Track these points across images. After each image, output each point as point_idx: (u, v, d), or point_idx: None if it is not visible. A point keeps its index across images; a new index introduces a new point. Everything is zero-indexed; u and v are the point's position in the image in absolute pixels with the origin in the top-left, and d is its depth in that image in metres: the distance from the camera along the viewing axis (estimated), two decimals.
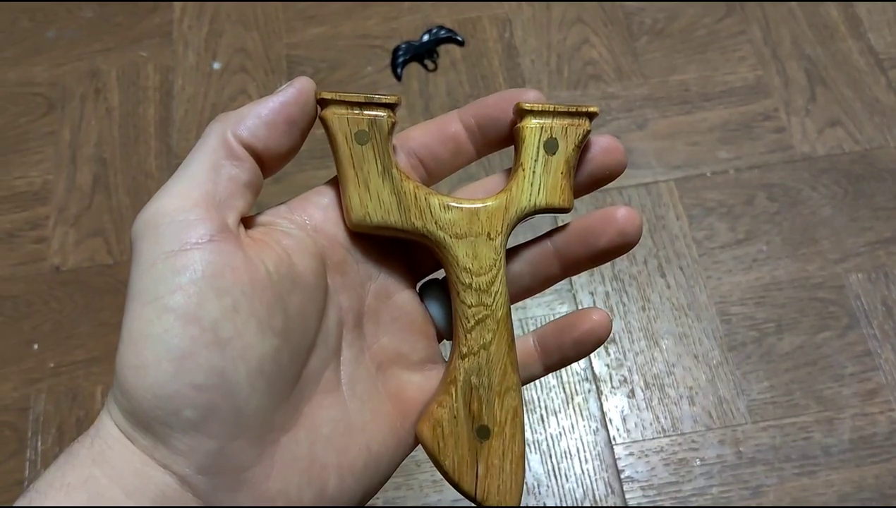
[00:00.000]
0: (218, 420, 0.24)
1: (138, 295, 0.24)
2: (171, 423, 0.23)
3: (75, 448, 0.24)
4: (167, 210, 0.25)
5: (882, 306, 0.78)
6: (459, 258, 0.29)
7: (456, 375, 0.29)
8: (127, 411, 0.24)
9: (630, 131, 0.88)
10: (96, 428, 0.24)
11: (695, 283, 0.80)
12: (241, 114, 0.28)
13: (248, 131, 0.27)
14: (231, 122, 0.28)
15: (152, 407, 0.23)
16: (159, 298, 0.23)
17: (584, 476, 0.73)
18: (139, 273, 0.24)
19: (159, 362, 0.23)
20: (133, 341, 0.24)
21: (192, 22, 0.98)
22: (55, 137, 0.91)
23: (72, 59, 0.96)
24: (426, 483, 0.72)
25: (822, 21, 0.94)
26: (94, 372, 0.78)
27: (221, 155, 0.27)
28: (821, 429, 0.73)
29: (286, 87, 0.28)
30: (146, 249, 0.24)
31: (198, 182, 0.26)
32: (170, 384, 0.23)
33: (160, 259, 0.24)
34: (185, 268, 0.24)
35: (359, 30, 0.96)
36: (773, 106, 0.89)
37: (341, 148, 0.29)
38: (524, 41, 0.95)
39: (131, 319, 0.24)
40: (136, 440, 0.24)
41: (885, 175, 0.85)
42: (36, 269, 0.83)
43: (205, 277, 0.24)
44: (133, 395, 0.23)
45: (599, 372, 0.77)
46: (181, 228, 0.24)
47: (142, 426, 0.24)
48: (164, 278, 0.24)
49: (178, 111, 0.92)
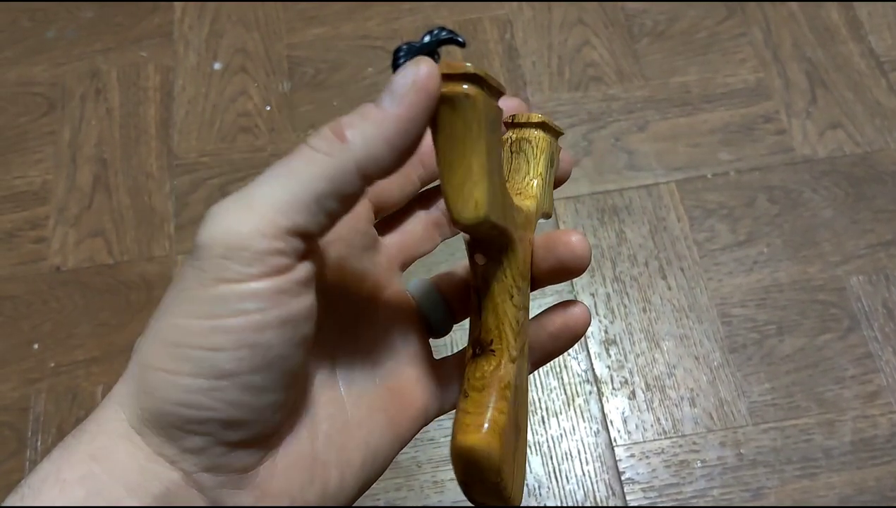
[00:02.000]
0: (239, 429, 0.24)
1: (191, 306, 0.23)
2: (191, 429, 0.23)
3: (71, 442, 0.24)
4: (248, 232, 0.22)
5: (883, 308, 0.78)
6: (519, 261, 0.28)
7: (510, 380, 0.28)
8: (144, 408, 0.23)
9: (631, 133, 0.88)
10: (97, 423, 0.24)
11: (696, 285, 0.80)
12: (366, 137, 0.23)
13: (374, 164, 0.23)
14: (358, 151, 0.23)
15: (175, 412, 0.23)
16: (217, 317, 0.22)
17: (585, 478, 0.73)
18: (198, 284, 0.23)
19: (197, 376, 0.22)
20: (170, 346, 0.23)
21: (193, 22, 0.98)
22: (55, 137, 0.91)
23: (72, 59, 0.96)
24: (427, 483, 0.72)
25: (822, 23, 0.94)
26: (94, 372, 0.77)
27: (330, 186, 0.23)
28: (822, 431, 0.73)
29: (405, 87, 0.23)
30: (213, 265, 0.22)
31: (294, 210, 0.22)
32: (202, 397, 0.23)
33: (228, 280, 0.22)
34: (253, 297, 0.22)
35: (360, 30, 0.96)
36: (773, 108, 0.89)
37: (478, 133, 0.24)
38: (525, 42, 0.95)
39: (175, 326, 0.23)
40: (145, 435, 0.24)
41: (885, 177, 0.85)
42: (36, 269, 0.83)
43: (270, 310, 0.23)
44: (156, 397, 0.23)
45: (600, 373, 0.77)
46: (258, 258, 0.22)
47: (156, 425, 0.23)
48: (228, 301, 0.22)
49: (179, 112, 0.92)
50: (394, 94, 0.23)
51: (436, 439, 0.74)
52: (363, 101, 0.80)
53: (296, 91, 0.93)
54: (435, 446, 0.74)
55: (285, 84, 0.93)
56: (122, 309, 0.81)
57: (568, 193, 0.84)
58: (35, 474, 0.23)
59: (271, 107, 0.92)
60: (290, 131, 0.90)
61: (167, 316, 0.23)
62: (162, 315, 0.24)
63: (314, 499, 0.26)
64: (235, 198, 0.23)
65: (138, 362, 0.24)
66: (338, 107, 0.91)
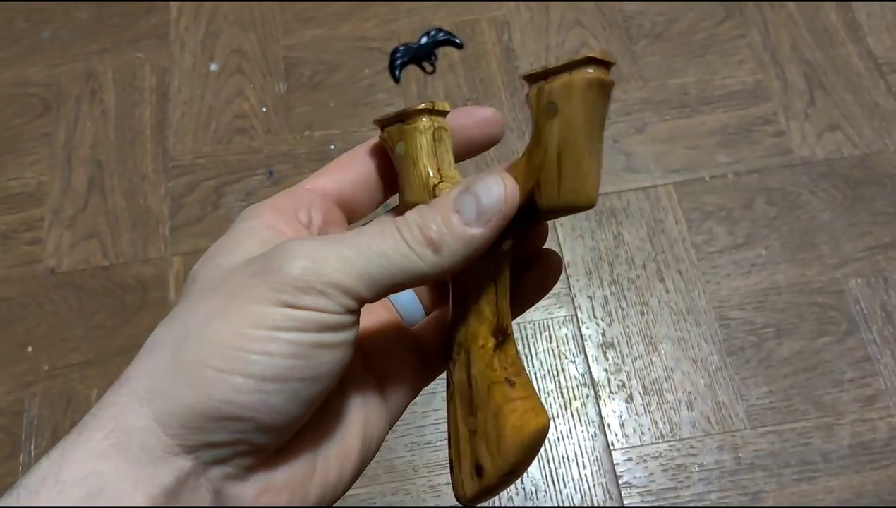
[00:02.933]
0: (267, 434, 0.25)
1: (255, 318, 0.24)
2: (226, 426, 0.24)
3: (77, 440, 0.24)
4: (330, 283, 0.24)
5: (881, 311, 0.78)
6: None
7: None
8: (182, 402, 0.24)
9: (629, 135, 0.88)
10: (113, 419, 0.24)
11: (693, 288, 0.80)
12: (454, 256, 0.26)
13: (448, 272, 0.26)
14: (444, 265, 0.26)
15: (218, 408, 0.24)
16: (279, 329, 0.24)
17: (583, 482, 0.72)
18: (266, 303, 0.24)
19: (249, 376, 0.24)
20: (226, 348, 0.24)
21: (189, 23, 0.97)
22: (50, 138, 0.90)
23: (67, 60, 0.95)
24: (423, 488, 0.72)
25: (821, 25, 0.94)
26: (89, 375, 0.77)
27: (408, 282, 0.26)
28: (820, 435, 0.73)
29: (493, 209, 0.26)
30: (288, 293, 0.24)
31: (369, 287, 0.25)
32: (248, 397, 0.24)
33: (297, 306, 0.24)
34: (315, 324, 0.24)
35: (357, 32, 0.96)
36: (772, 110, 0.89)
37: (597, 116, 0.26)
38: (522, 44, 0.94)
39: (234, 333, 0.24)
40: (169, 427, 0.24)
41: (884, 179, 0.85)
42: (30, 271, 0.83)
43: (324, 335, 0.25)
44: (202, 392, 0.24)
45: (598, 376, 0.76)
46: (327, 303, 0.25)
47: (189, 418, 0.24)
48: (293, 320, 0.24)
49: (175, 113, 0.91)
50: (481, 214, 0.26)
51: (433, 443, 0.74)
52: (359, 103, 0.80)
53: (292, 92, 0.92)
54: (432, 450, 0.73)
55: (282, 85, 0.93)
56: (118, 311, 0.80)
57: None
58: (33, 474, 0.23)
59: (267, 108, 0.91)
60: (287, 133, 0.90)
61: (222, 323, 0.24)
62: (213, 320, 0.24)
63: (315, 491, 0.27)
64: (326, 246, 0.25)
65: (180, 359, 0.24)
66: (334, 108, 0.91)
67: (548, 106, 0.26)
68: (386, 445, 0.74)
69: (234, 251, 0.27)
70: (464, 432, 0.29)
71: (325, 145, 0.88)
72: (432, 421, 0.75)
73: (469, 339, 0.29)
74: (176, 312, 0.26)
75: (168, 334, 0.25)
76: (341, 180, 0.31)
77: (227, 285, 0.25)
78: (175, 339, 0.25)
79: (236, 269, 0.26)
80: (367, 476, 0.72)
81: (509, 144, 0.88)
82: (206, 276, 0.26)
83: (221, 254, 0.27)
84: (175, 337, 0.25)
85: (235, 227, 0.28)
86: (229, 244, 0.27)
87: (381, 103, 0.91)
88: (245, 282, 0.25)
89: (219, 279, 0.26)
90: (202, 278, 0.26)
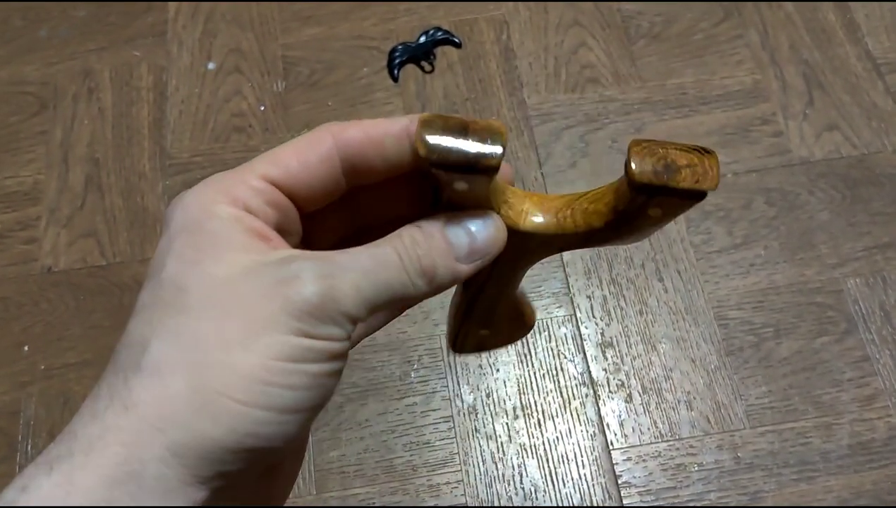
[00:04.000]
0: (274, 456, 0.25)
1: (279, 349, 0.24)
2: (244, 456, 0.24)
3: (86, 465, 0.23)
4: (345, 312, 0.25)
5: (880, 311, 0.78)
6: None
7: None
8: (202, 433, 0.23)
9: (627, 135, 0.88)
10: (125, 447, 0.23)
11: (692, 287, 0.80)
12: (441, 285, 0.28)
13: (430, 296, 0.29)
14: (432, 291, 0.28)
15: (240, 441, 0.24)
16: (301, 361, 0.24)
17: (582, 481, 0.72)
18: (288, 333, 0.24)
19: (270, 409, 0.24)
20: (249, 381, 0.24)
21: (187, 21, 0.97)
22: (47, 137, 0.90)
23: (64, 59, 0.95)
24: (422, 487, 0.72)
25: (819, 25, 0.94)
26: (86, 375, 0.77)
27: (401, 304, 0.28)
28: (819, 435, 0.73)
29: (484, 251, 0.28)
30: (307, 322, 0.24)
31: (371, 310, 0.26)
32: (268, 429, 0.24)
33: (314, 336, 0.25)
34: (332, 354, 0.25)
35: (355, 31, 0.96)
36: (770, 110, 0.89)
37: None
38: (521, 43, 0.94)
39: (257, 365, 0.24)
40: (185, 457, 0.23)
41: (882, 179, 0.85)
42: (27, 270, 0.82)
43: (337, 363, 0.26)
44: (223, 424, 0.23)
45: (597, 376, 0.76)
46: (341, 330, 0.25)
47: (206, 449, 0.23)
48: (313, 351, 0.25)
49: (172, 111, 0.91)
50: (472, 253, 0.28)
51: (431, 442, 0.73)
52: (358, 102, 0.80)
53: (290, 91, 0.92)
54: (430, 450, 0.73)
55: (280, 84, 0.92)
56: (115, 311, 0.80)
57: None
58: (31, 492, 0.22)
59: (265, 107, 0.91)
60: (285, 131, 0.89)
61: (243, 352, 0.24)
62: (232, 348, 0.24)
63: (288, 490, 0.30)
64: (341, 273, 0.25)
65: (199, 389, 0.23)
66: (332, 107, 0.90)
67: (652, 211, 0.27)
68: (384, 445, 0.73)
69: (221, 258, 0.25)
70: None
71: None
72: (431, 421, 0.74)
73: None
74: (175, 326, 0.24)
75: (178, 355, 0.24)
76: (297, 176, 0.28)
77: (239, 305, 0.24)
78: (189, 364, 0.24)
79: (242, 284, 0.25)
80: (365, 477, 0.72)
81: (508, 144, 0.87)
82: (201, 287, 0.25)
83: (207, 261, 0.25)
84: (188, 361, 0.24)
85: (202, 226, 0.26)
86: (206, 247, 0.25)
87: (379, 102, 0.91)
88: (260, 305, 0.24)
89: (220, 292, 0.25)
90: (196, 288, 0.25)
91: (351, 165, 0.28)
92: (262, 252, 0.26)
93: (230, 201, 0.26)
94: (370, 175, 0.28)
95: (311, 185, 0.28)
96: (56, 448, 0.23)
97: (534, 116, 0.89)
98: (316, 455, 0.73)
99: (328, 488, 0.72)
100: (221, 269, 0.25)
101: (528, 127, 0.89)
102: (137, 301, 0.26)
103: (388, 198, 0.30)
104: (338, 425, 0.74)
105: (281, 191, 0.27)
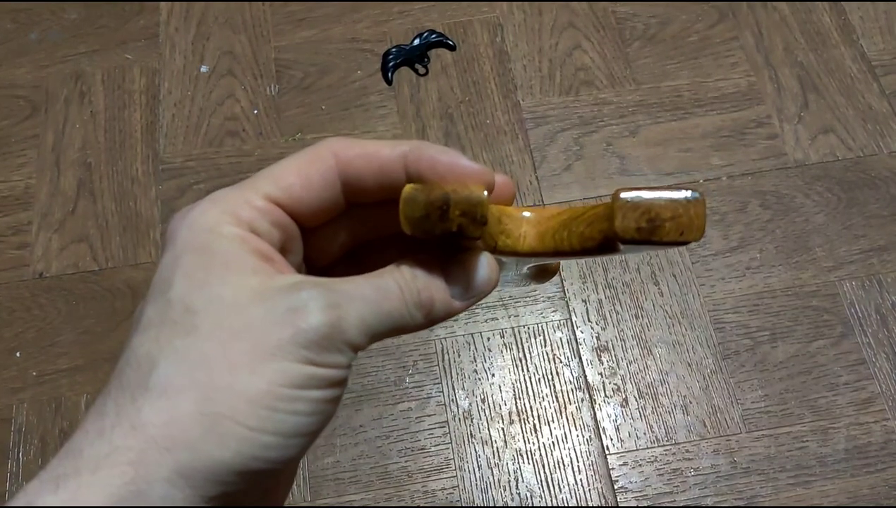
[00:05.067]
0: (278, 477, 0.27)
1: (283, 376, 0.25)
2: (249, 478, 0.24)
3: (93, 483, 0.23)
4: (348, 340, 0.26)
5: (876, 314, 0.78)
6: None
7: None
8: (210, 457, 0.24)
9: (622, 137, 0.88)
10: (132, 466, 0.23)
11: (688, 291, 0.80)
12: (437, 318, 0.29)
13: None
14: (428, 322, 0.29)
15: (246, 464, 0.24)
16: (305, 388, 0.25)
17: (578, 487, 0.72)
18: (293, 359, 0.25)
19: (276, 434, 0.24)
20: (256, 407, 0.24)
21: (179, 24, 0.96)
22: (38, 141, 0.89)
23: (56, 62, 0.94)
24: (417, 494, 0.71)
25: (814, 28, 0.94)
26: (79, 381, 0.76)
27: (398, 332, 0.28)
28: (816, 439, 0.73)
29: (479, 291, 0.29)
30: (311, 349, 0.25)
31: (371, 338, 0.27)
32: (273, 453, 0.25)
33: (318, 363, 0.25)
34: (334, 381, 0.26)
35: (348, 33, 0.95)
36: (765, 112, 0.89)
37: None
38: (516, 46, 0.94)
39: (263, 391, 0.24)
40: (192, 478, 0.24)
41: (878, 182, 0.85)
42: (18, 275, 0.82)
43: (338, 390, 0.26)
44: (232, 449, 0.24)
45: (592, 380, 0.76)
46: (344, 359, 0.26)
47: (214, 471, 0.24)
48: (316, 378, 0.25)
49: (165, 115, 0.90)
50: (467, 292, 0.29)
51: (426, 448, 0.73)
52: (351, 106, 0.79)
53: (284, 94, 0.91)
54: (426, 455, 0.73)
55: (273, 87, 0.92)
56: (107, 316, 0.79)
57: (559, 198, 0.83)
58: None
59: (259, 110, 0.90)
60: (278, 135, 0.89)
61: (250, 377, 0.24)
62: (239, 372, 0.24)
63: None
64: (347, 302, 0.26)
65: (207, 412, 0.24)
66: (326, 110, 0.90)
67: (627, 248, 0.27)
68: (379, 451, 0.73)
69: (229, 280, 0.25)
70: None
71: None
72: (426, 427, 0.74)
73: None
74: (183, 347, 0.24)
75: (186, 377, 0.24)
76: (299, 196, 0.28)
77: (247, 329, 0.25)
78: (198, 386, 0.24)
79: (252, 309, 0.25)
80: (360, 483, 0.72)
81: (502, 148, 0.87)
82: (210, 309, 0.25)
83: (216, 283, 0.25)
84: (197, 383, 0.24)
85: (209, 246, 0.26)
86: (214, 268, 0.25)
87: (373, 105, 0.90)
88: (269, 331, 0.25)
89: (228, 315, 0.25)
90: (205, 310, 0.25)
91: (351, 185, 0.28)
92: (268, 275, 0.26)
93: (236, 222, 0.26)
94: (369, 195, 0.29)
95: (312, 204, 0.28)
96: (62, 466, 0.23)
97: (528, 119, 0.89)
98: (310, 461, 0.73)
99: (323, 495, 0.71)
100: (229, 292, 0.25)
101: (522, 130, 0.88)
102: (142, 317, 0.26)
103: (388, 215, 0.30)
104: (332, 431, 0.74)
105: (284, 211, 0.28)
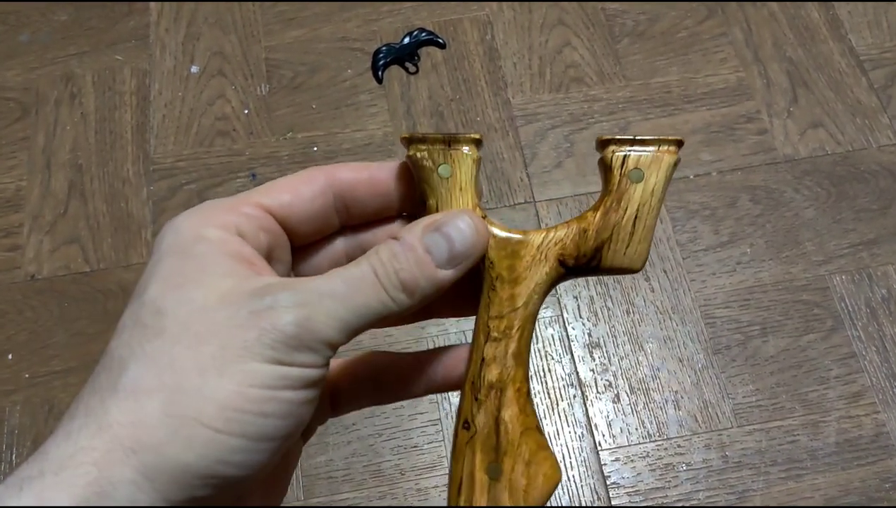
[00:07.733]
0: (246, 482, 0.25)
1: (252, 377, 0.24)
2: (215, 483, 0.24)
3: (56, 484, 0.22)
4: (322, 339, 0.25)
5: (866, 308, 0.78)
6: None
7: None
8: (175, 459, 0.23)
9: (613, 133, 0.88)
10: (97, 466, 0.23)
11: (679, 286, 0.80)
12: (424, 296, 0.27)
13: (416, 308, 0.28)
14: (414, 304, 0.27)
15: (212, 468, 0.24)
16: (274, 388, 0.24)
17: (570, 483, 0.72)
18: (261, 359, 0.24)
19: (243, 437, 0.24)
20: (224, 409, 0.24)
21: (169, 25, 0.96)
22: (28, 143, 0.89)
23: (46, 63, 0.94)
24: (410, 491, 0.71)
25: (803, 23, 0.94)
26: (71, 383, 0.76)
27: (380, 323, 0.27)
28: (806, 433, 0.73)
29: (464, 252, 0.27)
30: (280, 349, 0.25)
31: (349, 334, 0.26)
32: (242, 457, 0.24)
33: (288, 363, 0.25)
34: (306, 381, 0.25)
35: (338, 32, 0.95)
36: (755, 108, 0.89)
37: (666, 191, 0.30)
38: (505, 43, 0.94)
39: (232, 392, 0.24)
40: (157, 481, 0.23)
41: (867, 176, 0.85)
42: (10, 278, 0.82)
43: (312, 391, 0.26)
44: (198, 452, 0.23)
45: (584, 376, 0.76)
46: (317, 357, 0.25)
47: (180, 474, 0.23)
48: (287, 378, 0.25)
49: (155, 116, 0.90)
50: (453, 257, 0.27)
51: (419, 446, 0.73)
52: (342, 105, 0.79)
53: (274, 94, 0.91)
54: (419, 453, 0.73)
55: (263, 87, 0.92)
56: (99, 317, 0.79)
57: (550, 195, 0.83)
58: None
59: (249, 110, 0.90)
60: (269, 134, 0.89)
61: (218, 379, 0.24)
62: (207, 374, 0.24)
63: None
64: (317, 299, 0.25)
65: (174, 414, 0.23)
66: (317, 109, 0.90)
67: (633, 172, 0.29)
68: (372, 449, 0.73)
69: (202, 282, 0.25)
70: (481, 479, 0.28)
71: (308, 147, 0.88)
72: (418, 424, 0.74)
73: (506, 382, 0.28)
74: (152, 350, 0.24)
75: (155, 380, 0.24)
76: (290, 207, 0.29)
77: (216, 333, 0.24)
78: (165, 388, 0.24)
79: (219, 311, 0.25)
80: (353, 482, 0.72)
81: (492, 145, 0.87)
82: (179, 311, 0.25)
83: (189, 285, 0.25)
84: (164, 385, 0.24)
85: (189, 249, 0.26)
86: (190, 271, 0.26)
87: (363, 104, 0.90)
88: (237, 334, 0.24)
89: (199, 319, 0.25)
90: (174, 313, 0.25)
91: (343, 203, 0.29)
92: (243, 277, 0.26)
93: (221, 225, 0.27)
94: (362, 214, 0.29)
95: (302, 218, 0.29)
96: (28, 468, 0.23)
97: (518, 116, 0.89)
98: (303, 460, 0.73)
99: (315, 493, 0.71)
100: (200, 294, 0.25)
101: (512, 127, 0.88)
102: (119, 321, 0.26)
103: (380, 234, 0.31)
104: (324, 429, 0.74)
105: (274, 219, 0.28)
